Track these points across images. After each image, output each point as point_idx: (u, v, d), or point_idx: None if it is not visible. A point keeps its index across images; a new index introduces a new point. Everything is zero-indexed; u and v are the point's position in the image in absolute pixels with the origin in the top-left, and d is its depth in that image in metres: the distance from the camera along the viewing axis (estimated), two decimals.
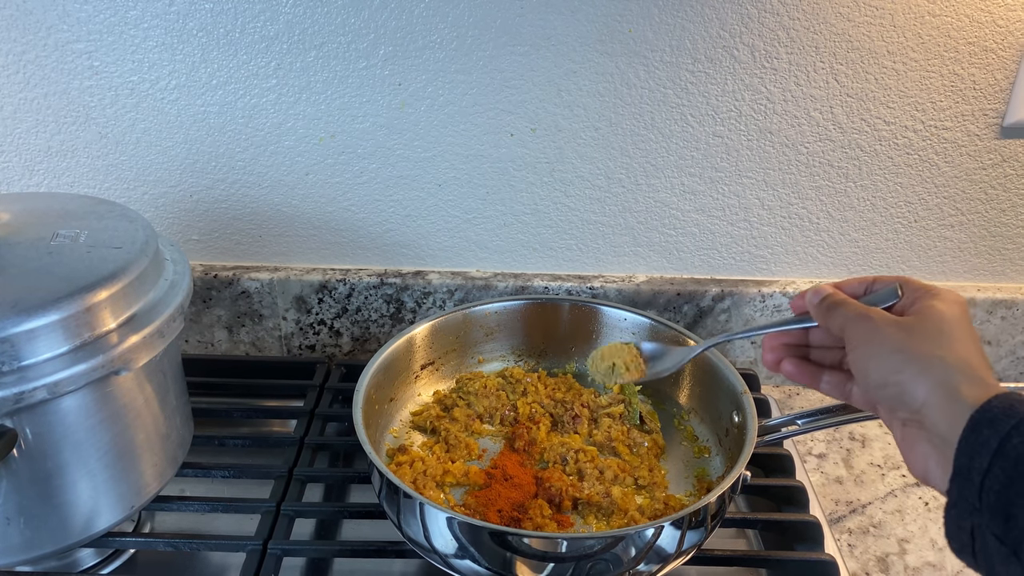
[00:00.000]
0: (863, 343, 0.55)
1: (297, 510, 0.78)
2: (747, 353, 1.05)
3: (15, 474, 0.62)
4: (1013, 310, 1.01)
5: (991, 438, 0.44)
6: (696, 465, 0.82)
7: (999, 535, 0.43)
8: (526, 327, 0.94)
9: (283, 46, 0.88)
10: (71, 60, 0.88)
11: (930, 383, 0.50)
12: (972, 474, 0.44)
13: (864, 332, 0.55)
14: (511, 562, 0.64)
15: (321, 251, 1.01)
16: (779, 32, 0.87)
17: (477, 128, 0.93)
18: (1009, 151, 0.94)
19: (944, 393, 0.49)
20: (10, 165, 0.95)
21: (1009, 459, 0.43)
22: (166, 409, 0.73)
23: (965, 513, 0.45)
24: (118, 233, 0.71)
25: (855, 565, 0.80)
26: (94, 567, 0.77)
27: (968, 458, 0.45)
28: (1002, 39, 0.87)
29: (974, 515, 0.45)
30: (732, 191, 0.96)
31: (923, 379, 0.50)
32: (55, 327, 0.60)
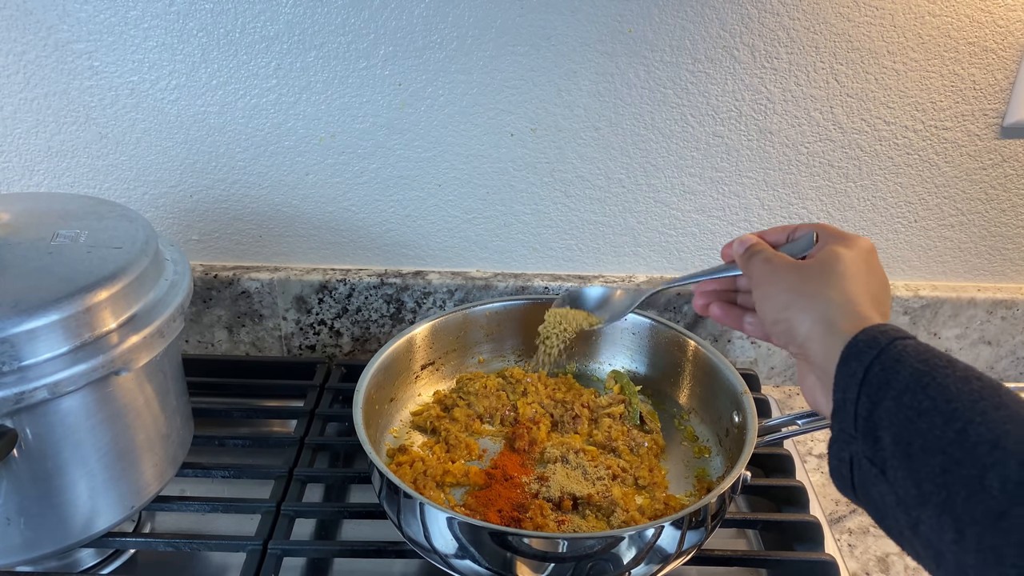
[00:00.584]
0: (762, 284, 0.60)
1: (297, 510, 0.79)
2: (747, 353, 1.05)
3: (15, 474, 0.62)
4: (1013, 310, 1.01)
5: (857, 369, 0.48)
6: (696, 465, 0.82)
7: (870, 457, 0.46)
8: (526, 327, 0.93)
9: (283, 46, 0.88)
10: (71, 60, 0.88)
11: (812, 318, 0.54)
12: (847, 405, 0.48)
13: (764, 274, 0.60)
14: (511, 562, 0.64)
15: (321, 251, 1.01)
16: (779, 32, 0.87)
17: (477, 128, 0.93)
18: (1009, 151, 0.94)
19: (823, 328, 0.53)
20: (10, 165, 0.95)
21: (872, 386, 0.46)
22: (166, 409, 0.73)
23: (844, 444, 0.48)
24: (118, 233, 0.71)
25: (855, 565, 0.80)
26: (94, 567, 0.77)
27: (842, 392, 0.48)
28: (1002, 39, 0.87)
29: (852, 444, 0.48)
30: (732, 191, 0.96)
31: (806, 315, 0.54)
32: (55, 327, 0.60)
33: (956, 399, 0.43)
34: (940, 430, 0.42)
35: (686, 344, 0.87)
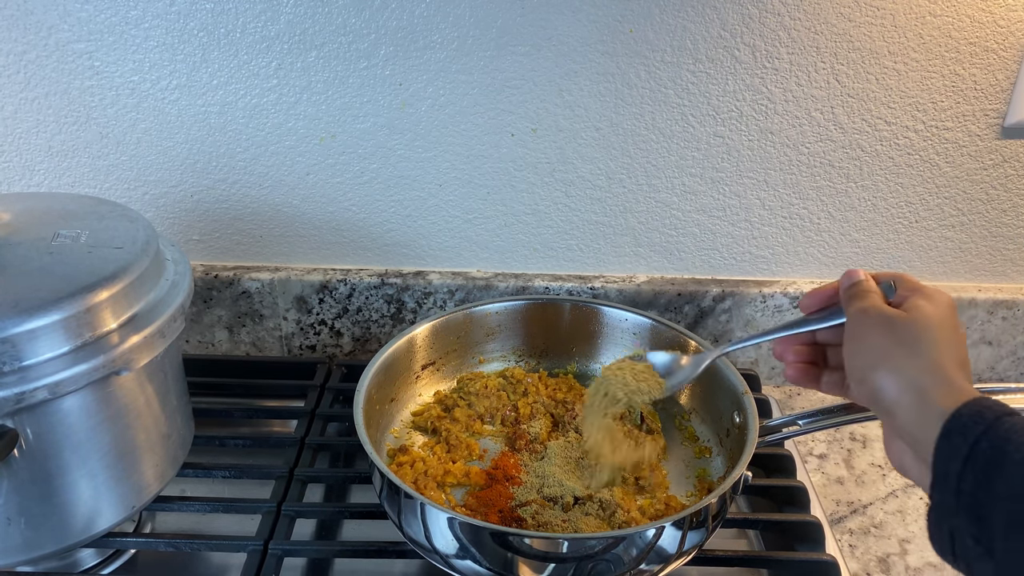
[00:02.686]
0: (852, 338, 0.57)
1: (298, 510, 0.78)
2: (747, 353, 1.04)
3: (16, 474, 0.62)
4: (1014, 310, 1.01)
5: (962, 445, 0.46)
6: (697, 465, 0.82)
7: (975, 535, 0.45)
8: (527, 327, 0.94)
9: (284, 46, 0.88)
10: (72, 60, 0.88)
11: (902, 384, 0.52)
12: (948, 479, 0.46)
13: (855, 326, 0.57)
14: (512, 562, 0.64)
15: (322, 251, 1.01)
16: (780, 32, 0.87)
17: (478, 128, 0.93)
18: (1010, 151, 0.94)
19: (914, 396, 0.51)
20: (11, 165, 0.95)
21: (979, 463, 0.45)
22: (167, 409, 0.73)
23: (944, 516, 0.47)
24: (119, 233, 0.71)
25: (856, 565, 0.80)
26: (95, 567, 0.77)
27: (943, 464, 0.47)
28: (1003, 39, 0.87)
29: (952, 517, 0.46)
30: (733, 191, 0.96)
31: (895, 379, 0.52)
32: (56, 327, 0.60)
33: None
34: None
35: (687, 344, 0.87)
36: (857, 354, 0.56)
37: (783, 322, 0.66)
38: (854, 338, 0.57)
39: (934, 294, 0.57)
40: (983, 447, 0.45)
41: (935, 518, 0.48)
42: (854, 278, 0.61)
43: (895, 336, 0.54)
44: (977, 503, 0.44)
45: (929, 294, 0.57)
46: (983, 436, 0.45)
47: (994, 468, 0.44)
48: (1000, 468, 0.44)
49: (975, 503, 0.45)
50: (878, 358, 0.54)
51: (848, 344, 0.57)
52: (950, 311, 0.56)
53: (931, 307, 0.55)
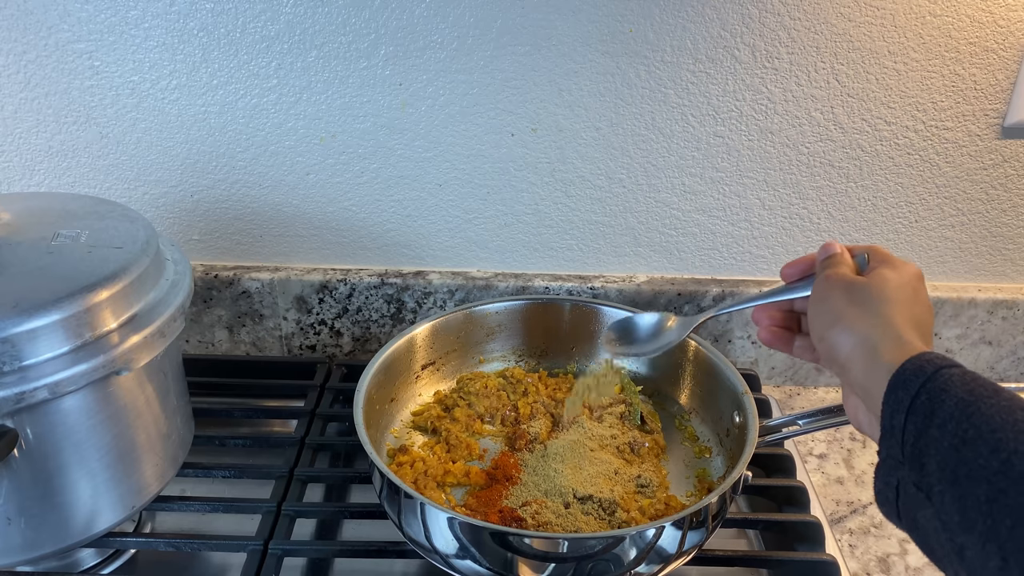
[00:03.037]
0: (815, 300, 0.61)
1: (298, 510, 0.78)
2: (748, 353, 1.04)
3: (16, 474, 0.62)
4: (1014, 310, 1.01)
5: (904, 398, 0.49)
6: (697, 465, 0.82)
7: (915, 482, 0.47)
8: (527, 327, 0.94)
9: (284, 46, 0.88)
10: (72, 60, 0.88)
11: (853, 341, 0.55)
12: (894, 431, 0.49)
13: (819, 290, 0.61)
14: (512, 562, 0.64)
15: (322, 251, 1.01)
16: (780, 32, 0.87)
17: (478, 128, 0.93)
18: (1010, 151, 0.94)
19: (864, 351, 0.54)
20: (11, 165, 0.95)
21: (919, 414, 0.48)
22: (167, 409, 0.73)
23: (891, 469, 0.50)
24: (119, 233, 0.71)
25: (856, 565, 0.80)
26: (95, 567, 0.77)
27: (889, 418, 0.49)
28: (1003, 39, 0.87)
29: (899, 469, 0.49)
30: (733, 191, 0.96)
31: (848, 336, 0.55)
32: (56, 327, 0.60)
33: (1000, 429, 0.44)
34: (985, 459, 0.43)
35: (687, 344, 0.87)
36: (818, 315, 0.59)
37: (763, 291, 0.70)
38: (816, 300, 0.60)
39: (900, 264, 0.60)
40: (922, 399, 0.47)
41: (883, 473, 0.50)
42: (830, 250, 0.64)
43: (851, 297, 0.57)
44: (918, 451, 0.47)
45: (895, 264, 0.60)
46: (923, 388, 0.48)
47: (930, 419, 0.47)
48: (935, 418, 0.46)
49: (916, 452, 0.47)
50: (835, 318, 0.57)
51: (811, 306, 0.61)
52: (913, 278, 0.59)
53: (892, 273, 0.59)
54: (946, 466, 0.45)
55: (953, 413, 0.46)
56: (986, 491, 0.43)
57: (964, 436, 0.45)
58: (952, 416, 0.46)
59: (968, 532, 0.43)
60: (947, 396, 0.47)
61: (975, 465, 0.44)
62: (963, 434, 0.45)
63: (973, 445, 0.44)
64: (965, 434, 0.45)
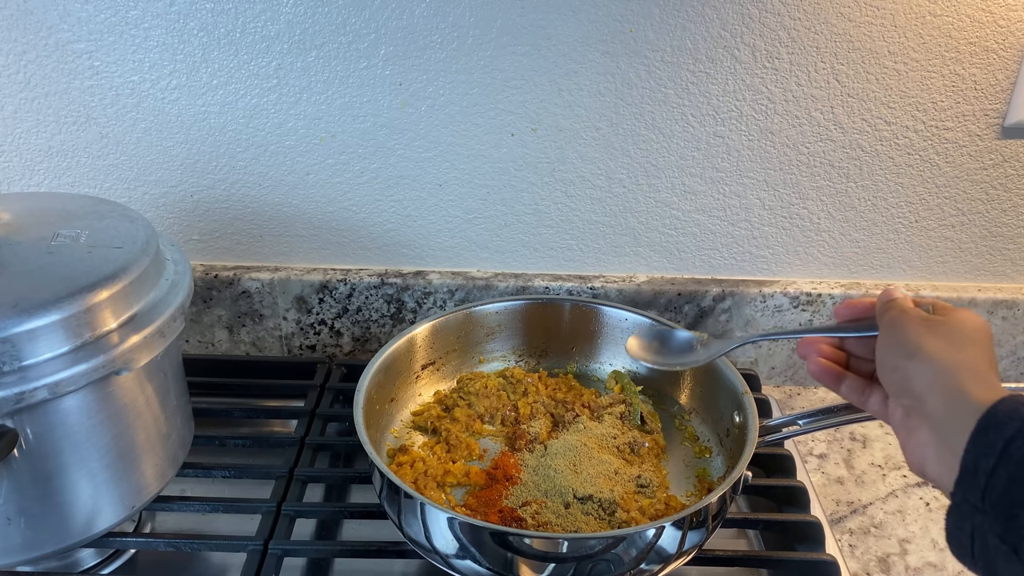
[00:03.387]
0: (888, 333, 0.57)
1: (298, 510, 0.78)
2: (748, 353, 1.04)
3: (16, 474, 0.62)
4: (1014, 310, 1.01)
5: (997, 441, 0.45)
6: (697, 465, 0.82)
7: (1000, 534, 0.44)
8: (527, 327, 0.94)
9: (284, 46, 0.88)
10: (72, 60, 0.88)
11: (934, 372, 0.52)
12: (978, 475, 0.45)
13: (892, 325, 0.57)
14: (512, 562, 0.64)
15: (322, 251, 1.01)
16: (780, 32, 0.87)
17: (478, 128, 0.93)
18: (1010, 151, 0.94)
19: (948, 384, 0.50)
20: (11, 165, 0.95)
21: (1013, 461, 0.44)
22: (167, 409, 0.73)
23: (967, 514, 0.46)
24: (119, 233, 0.71)
25: (856, 565, 0.80)
26: (94, 567, 0.77)
27: (974, 460, 0.46)
28: (1003, 39, 0.87)
29: (976, 516, 0.45)
30: (733, 191, 0.96)
31: (930, 367, 0.52)
32: (56, 327, 0.60)
33: None
34: None
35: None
36: (893, 347, 0.56)
37: (814, 326, 0.65)
38: (891, 333, 0.56)
39: (970, 313, 0.57)
40: (1019, 444, 0.44)
41: (956, 516, 0.47)
42: (892, 295, 0.61)
43: (933, 331, 0.54)
44: (1008, 502, 0.44)
45: (966, 312, 0.57)
46: (1019, 433, 0.44)
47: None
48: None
49: (1005, 502, 0.44)
50: (915, 348, 0.53)
51: (883, 339, 0.57)
52: (987, 328, 0.56)
53: (969, 317, 0.56)
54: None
55: None
56: None
57: None
58: None
59: None
60: None
61: None
62: None
63: None
64: None
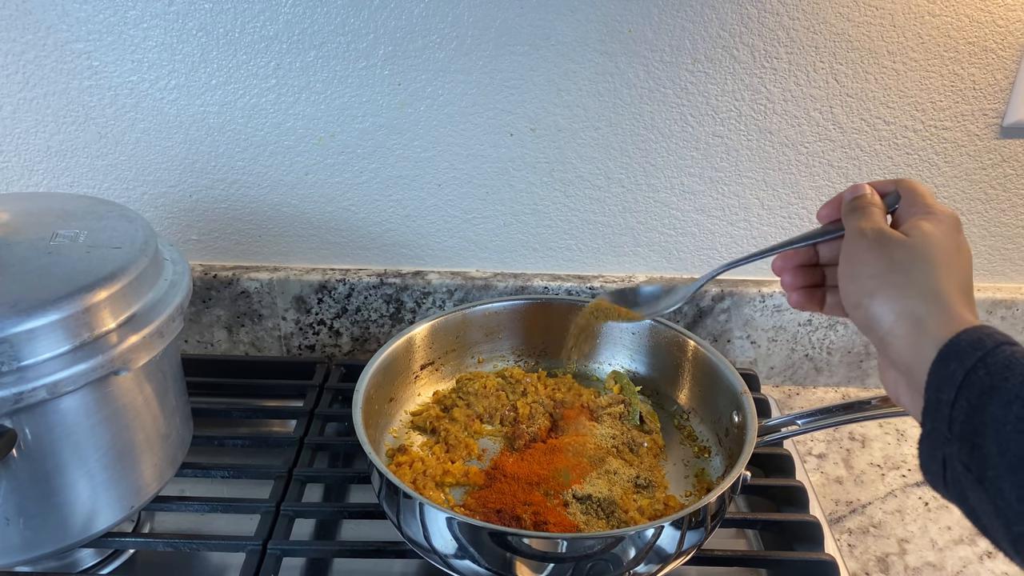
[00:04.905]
0: (847, 260, 0.55)
1: (297, 510, 0.78)
2: (747, 353, 1.04)
3: (14, 474, 0.62)
4: (1013, 310, 1.01)
5: (957, 371, 0.45)
6: (696, 465, 0.82)
7: (966, 463, 0.44)
8: (526, 327, 0.94)
9: (283, 46, 0.88)
10: (70, 60, 0.88)
11: (897, 312, 0.50)
12: (941, 406, 0.45)
13: (851, 247, 0.55)
14: (511, 562, 0.64)
15: (321, 251, 1.01)
16: (779, 32, 0.87)
17: (477, 128, 0.93)
18: (1009, 151, 0.94)
19: (910, 324, 0.50)
20: (9, 165, 0.95)
21: (974, 390, 0.44)
22: (165, 409, 0.73)
23: (937, 444, 0.46)
24: (117, 233, 0.71)
25: (855, 565, 0.80)
26: (94, 567, 0.77)
27: (936, 391, 0.46)
28: (1002, 39, 0.87)
29: (945, 445, 0.46)
30: (732, 191, 0.96)
31: (891, 307, 0.51)
32: (55, 327, 0.60)
33: None
34: None
35: (686, 344, 0.87)
36: (853, 278, 0.54)
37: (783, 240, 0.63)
38: (849, 259, 0.55)
39: (938, 212, 0.54)
40: (980, 374, 0.44)
41: (927, 446, 0.47)
42: (858, 191, 0.58)
43: (892, 260, 0.52)
44: (971, 431, 0.44)
45: (933, 212, 0.54)
46: (980, 363, 0.44)
47: (989, 396, 0.43)
48: (995, 396, 0.43)
49: (968, 431, 0.44)
50: (874, 285, 0.52)
51: (843, 266, 0.55)
52: (953, 230, 0.54)
53: (932, 227, 0.53)
54: (1007, 450, 0.41)
55: (1019, 393, 0.42)
56: None
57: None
58: (1018, 396, 0.42)
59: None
60: (1011, 374, 0.43)
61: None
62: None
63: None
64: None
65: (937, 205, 0.55)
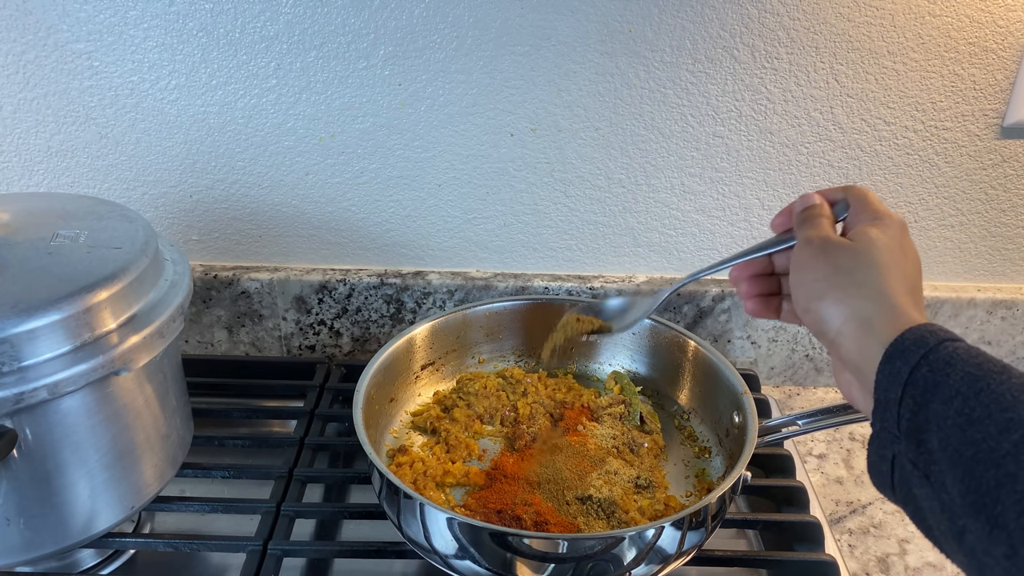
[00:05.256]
0: (796, 267, 0.56)
1: (297, 510, 0.78)
2: (747, 353, 1.05)
3: (15, 474, 0.62)
4: (1013, 310, 1.01)
5: (902, 368, 0.46)
6: (696, 465, 0.82)
7: (913, 459, 0.45)
8: (526, 327, 0.94)
9: (283, 46, 0.88)
10: (71, 60, 0.88)
11: (844, 314, 0.51)
12: (889, 405, 0.46)
13: (799, 255, 0.57)
14: (511, 562, 0.64)
15: (321, 251, 1.01)
16: (779, 32, 0.87)
17: (477, 128, 0.93)
18: (1009, 151, 0.94)
19: (856, 325, 0.50)
20: (10, 165, 0.95)
21: (918, 387, 0.45)
22: (166, 409, 0.73)
23: (887, 443, 0.47)
24: (118, 233, 0.71)
25: (855, 565, 0.80)
26: (94, 567, 0.77)
27: (884, 391, 0.47)
28: (1002, 39, 0.87)
29: (894, 444, 0.46)
30: (732, 191, 0.96)
31: (838, 309, 0.52)
32: (55, 327, 0.60)
33: (1012, 408, 0.41)
34: (994, 440, 0.40)
35: (686, 344, 0.87)
36: (801, 284, 0.55)
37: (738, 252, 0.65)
38: (798, 267, 0.56)
39: (884, 217, 0.56)
40: (923, 371, 0.45)
41: (876, 447, 0.48)
42: (807, 201, 0.60)
43: (837, 264, 0.53)
44: (916, 427, 0.44)
45: (879, 217, 0.56)
46: (924, 359, 0.45)
47: (932, 392, 0.44)
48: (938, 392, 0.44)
49: (914, 427, 0.44)
50: (822, 288, 0.53)
51: (793, 273, 0.57)
52: (900, 235, 0.55)
53: (878, 232, 0.54)
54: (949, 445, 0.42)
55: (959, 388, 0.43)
56: (995, 475, 0.40)
57: (971, 414, 0.42)
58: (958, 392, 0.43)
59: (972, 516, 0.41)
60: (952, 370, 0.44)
61: (983, 446, 0.41)
62: (970, 412, 0.42)
63: (982, 424, 0.41)
64: (972, 412, 0.42)
65: (884, 210, 0.57)
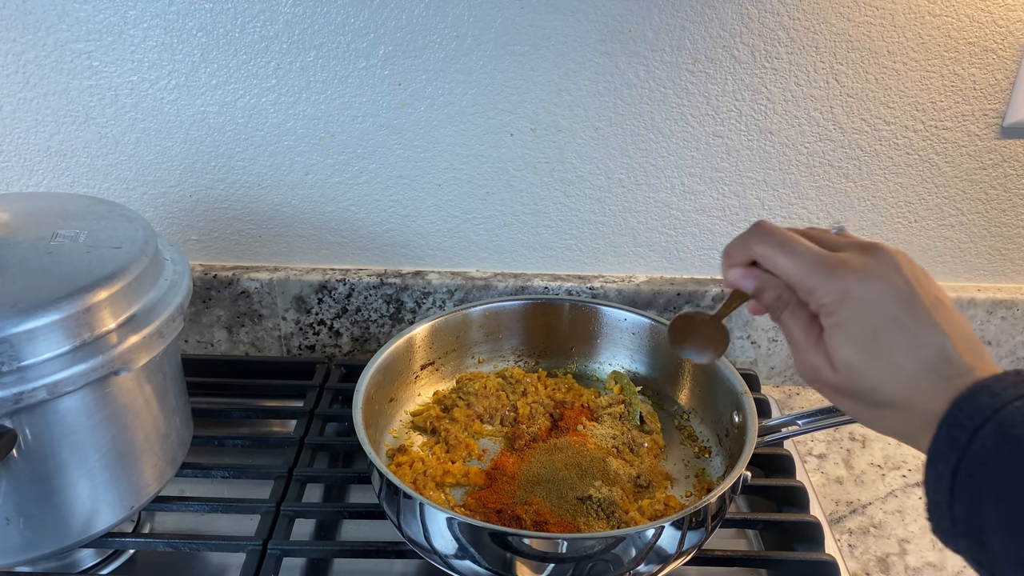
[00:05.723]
0: None
1: (297, 510, 0.78)
2: (747, 353, 1.04)
3: (15, 474, 0.62)
4: (1013, 310, 1.01)
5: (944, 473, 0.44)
6: (696, 465, 0.82)
7: (978, 559, 0.44)
8: (526, 327, 0.94)
9: (283, 46, 0.88)
10: (70, 60, 0.88)
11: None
12: (940, 508, 0.45)
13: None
14: (511, 562, 0.64)
15: (321, 251, 1.01)
16: (779, 32, 0.87)
17: (477, 128, 0.92)
18: (1009, 151, 0.94)
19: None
20: (9, 165, 0.95)
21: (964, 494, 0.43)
22: (166, 409, 0.73)
23: (948, 538, 0.46)
24: (118, 233, 0.71)
25: (855, 565, 0.80)
26: (94, 567, 0.77)
27: (933, 493, 0.45)
28: (1002, 39, 0.87)
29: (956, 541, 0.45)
30: (732, 191, 0.96)
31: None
32: (55, 327, 0.60)
33: None
34: None
35: None
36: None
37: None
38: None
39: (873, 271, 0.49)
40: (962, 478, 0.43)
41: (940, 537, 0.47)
42: None
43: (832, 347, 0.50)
44: (972, 530, 0.43)
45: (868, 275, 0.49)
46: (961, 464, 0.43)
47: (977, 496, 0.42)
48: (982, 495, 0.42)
49: (970, 530, 0.43)
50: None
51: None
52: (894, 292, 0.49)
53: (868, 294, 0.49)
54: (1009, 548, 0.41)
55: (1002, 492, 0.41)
56: None
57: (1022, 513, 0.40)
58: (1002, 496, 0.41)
59: None
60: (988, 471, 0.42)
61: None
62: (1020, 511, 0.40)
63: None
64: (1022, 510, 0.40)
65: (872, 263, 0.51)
